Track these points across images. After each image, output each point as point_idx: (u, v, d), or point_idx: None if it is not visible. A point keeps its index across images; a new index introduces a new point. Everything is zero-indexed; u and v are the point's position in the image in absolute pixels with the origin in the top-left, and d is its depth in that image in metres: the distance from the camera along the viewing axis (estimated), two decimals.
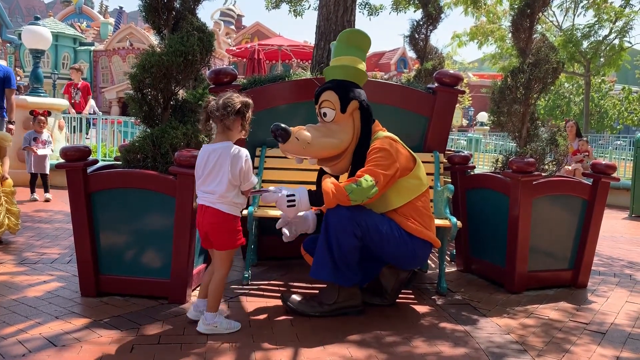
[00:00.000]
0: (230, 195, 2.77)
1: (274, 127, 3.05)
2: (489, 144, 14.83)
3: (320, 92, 3.25)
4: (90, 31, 28.09)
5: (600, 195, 3.94)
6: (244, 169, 2.76)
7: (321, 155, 3.17)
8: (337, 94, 3.17)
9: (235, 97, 2.79)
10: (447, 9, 8.80)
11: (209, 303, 2.87)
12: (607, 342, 2.99)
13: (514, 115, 4.19)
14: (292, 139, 3.06)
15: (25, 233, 5.06)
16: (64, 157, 3.26)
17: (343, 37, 3.36)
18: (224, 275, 2.88)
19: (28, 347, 2.59)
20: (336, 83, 3.23)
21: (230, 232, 2.82)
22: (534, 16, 4.23)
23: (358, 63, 3.30)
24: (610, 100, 28.95)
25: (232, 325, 2.89)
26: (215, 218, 2.78)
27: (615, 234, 6.62)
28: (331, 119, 3.19)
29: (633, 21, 18.34)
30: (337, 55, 3.34)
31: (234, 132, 2.83)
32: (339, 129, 3.17)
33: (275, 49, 20.36)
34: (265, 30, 31.96)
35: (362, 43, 3.36)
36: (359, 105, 3.20)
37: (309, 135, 3.10)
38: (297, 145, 3.08)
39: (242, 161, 2.76)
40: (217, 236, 2.81)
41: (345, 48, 3.32)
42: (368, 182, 2.97)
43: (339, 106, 3.16)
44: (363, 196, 2.97)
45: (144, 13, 3.63)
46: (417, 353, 2.72)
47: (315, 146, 3.11)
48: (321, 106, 3.23)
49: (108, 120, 10.15)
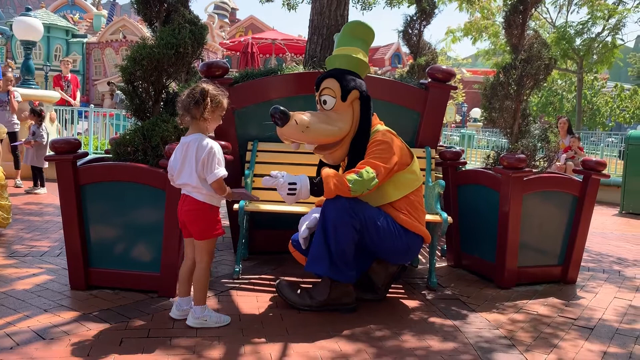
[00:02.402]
0: (204, 188, 2.76)
1: (273, 109, 3.02)
2: (481, 140, 14.87)
3: (321, 79, 3.23)
4: (83, 23, 27.84)
5: (591, 192, 3.96)
6: (207, 160, 2.70)
7: (319, 141, 3.14)
8: (339, 82, 3.15)
9: (197, 87, 2.75)
10: (441, 5, 8.82)
11: (195, 296, 2.86)
12: (594, 337, 3.01)
13: (505, 111, 4.20)
14: (291, 122, 3.03)
15: (15, 225, 5.03)
16: (53, 149, 3.24)
17: (348, 28, 3.34)
18: (205, 267, 2.86)
19: (16, 340, 2.57)
20: (338, 71, 3.21)
21: (207, 221, 2.81)
22: (527, 13, 4.24)
23: (361, 54, 3.28)
24: (602, 97, 29.10)
25: (221, 319, 2.89)
26: (191, 205, 2.78)
27: (605, 230, 6.67)
28: (331, 107, 3.17)
29: (626, 19, 18.42)
30: (340, 46, 3.32)
31: (202, 122, 2.76)
32: (338, 117, 3.16)
33: (269, 43, 20.28)
34: (260, 24, 31.81)
35: (366, 35, 3.34)
36: (359, 95, 3.19)
37: (308, 120, 3.08)
38: (296, 129, 3.05)
39: (204, 151, 2.70)
40: (193, 224, 2.81)
41: (349, 39, 3.30)
42: (369, 174, 2.97)
43: (340, 94, 3.14)
44: (363, 187, 2.97)
45: (136, 5, 3.61)
46: (406, 347, 2.73)
47: (314, 131, 3.08)
48: (322, 93, 3.21)
49: (100, 113, 10.09)
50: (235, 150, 3.99)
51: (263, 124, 4.04)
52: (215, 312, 2.91)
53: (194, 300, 2.87)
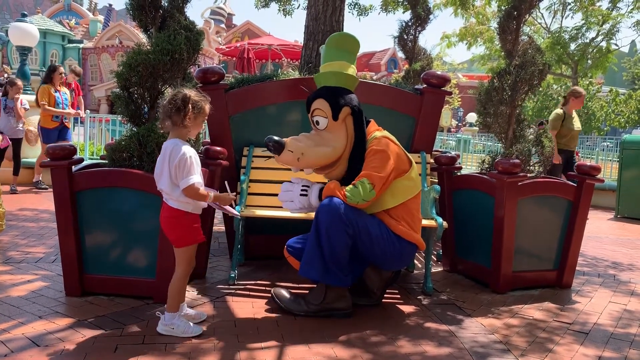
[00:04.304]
0: (174, 194, 2.71)
1: (267, 140, 3.11)
2: (477, 145, 14.92)
3: (311, 101, 3.25)
4: (79, 28, 27.85)
5: (585, 197, 3.97)
6: (179, 167, 2.66)
7: (316, 164, 3.20)
8: (328, 101, 3.17)
9: (178, 93, 2.71)
10: (436, 10, 8.85)
11: (168, 302, 2.81)
12: (589, 341, 3.02)
13: (500, 116, 4.22)
14: (286, 151, 3.10)
15: (10, 232, 5.01)
16: (49, 155, 3.23)
17: (332, 41, 3.34)
18: (182, 274, 2.81)
19: (10, 347, 2.56)
20: (327, 90, 3.22)
21: (182, 228, 2.77)
22: (521, 18, 4.26)
23: (348, 68, 3.28)
24: (597, 102, 29.21)
25: (189, 330, 2.79)
26: (166, 212, 2.78)
27: (600, 234, 6.69)
28: (324, 127, 3.20)
29: (620, 24, 18.55)
30: (326, 60, 3.32)
31: (182, 129, 2.72)
32: (332, 137, 3.18)
33: (265, 48, 20.31)
34: (256, 29, 31.86)
35: (351, 46, 3.35)
36: (350, 111, 3.20)
37: (302, 146, 3.12)
38: (292, 157, 3.12)
39: (177, 157, 2.65)
40: (168, 231, 2.80)
41: (335, 52, 3.30)
42: (366, 186, 3.00)
43: (331, 114, 3.16)
44: (359, 199, 3.00)
45: (131, 11, 3.61)
46: (401, 353, 2.73)
47: (310, 156, 3.14)
48: (313, 114, 3.24)
49: (96, 119, 10.07)
50: (230, 155, 3.99)
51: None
52: (186, 323, 2.82)
53: (167, 306, 2.82)
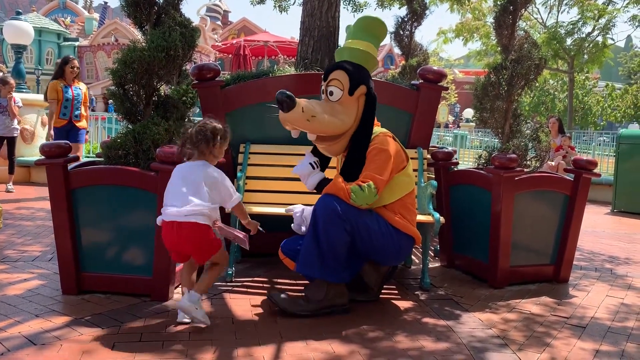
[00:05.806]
0: (214, 212, 2.86)
1: (279, 93, 2.94)
2: (474, 140, 14.94)
3: (330, 70, 3.17)
4: (74, 26, 27.76)
5: (582, 191, 3.98)
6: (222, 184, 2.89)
7: (322, 132, 3.08)
8: (348, 74, 3.10)
9: (207, 125, 2.88)
10: (432, 6, 8.84)
11: (201, 284, 2.91)
12: (587, 335, 3.03)
13: (496, 111, 4.22)
14: (297, 109, 2.96)
15: (7, 230, 4.99)
16: (43, 153, 3.22)
17: (361, 22, 3.27)
18: (222, 268, 3.01)
19: (7, 346, 2.55)
20: (349, 64, 3.16)
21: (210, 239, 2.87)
22: (517, 13, 4.26)
23: (373, 50, 3.25)
24: (594, 97, 29.30)
25: (205, 319, 2.87)
26: (196, 232, 2.79)
27: (597, 228, 6.70)
28: (337, 99, 3.11)
29: (615, 18, 18.58)
30: (352, 38, 3.25)
31: (209, 156, 2.92)
32: (342, 110, 3.10)
33: (262, 45, 20.29)
34: (252, 26, 31.84)
35: (380, 32, 3.28)
36: (366, 91, 3.15)
37: (315, 109, 3.01)
38: (301, 117, 2.98)
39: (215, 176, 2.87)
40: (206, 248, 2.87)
41: (362, 33, 3.23)
42: (372, 190, 2.98)
43: (348, 87, 3.09)
44: (363, 202, 2.99)
45: (126, 8, 3.60)
46: (399, 348, 2.73)
47: (318, 122, 3.01)
48: (329, 84, 3.13)
49: (92, 117, 10.05)
50: (227, 152, 3.98)
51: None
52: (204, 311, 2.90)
53: (198, 286, 2.89)
